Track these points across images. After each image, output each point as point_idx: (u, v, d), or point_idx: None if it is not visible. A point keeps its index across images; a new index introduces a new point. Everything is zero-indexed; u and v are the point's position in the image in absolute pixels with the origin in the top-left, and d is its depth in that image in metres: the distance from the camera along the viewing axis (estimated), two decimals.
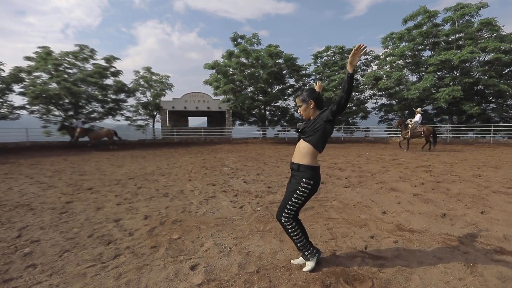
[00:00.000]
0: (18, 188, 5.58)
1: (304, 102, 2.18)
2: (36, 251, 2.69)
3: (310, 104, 2.17)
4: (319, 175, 2.18)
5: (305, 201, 2.17)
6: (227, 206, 4.18)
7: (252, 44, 21.19)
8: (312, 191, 2.15)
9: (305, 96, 2.19)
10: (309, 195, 2.14)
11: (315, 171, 2.14)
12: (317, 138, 2.09)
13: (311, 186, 2.12)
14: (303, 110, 2.21)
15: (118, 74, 22.71)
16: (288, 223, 2.18)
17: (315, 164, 2.15)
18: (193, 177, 6.66)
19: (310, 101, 2.17)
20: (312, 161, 2.13)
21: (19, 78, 19.40)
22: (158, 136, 23.63)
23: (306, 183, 2.10)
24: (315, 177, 2.14)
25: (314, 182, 2.13)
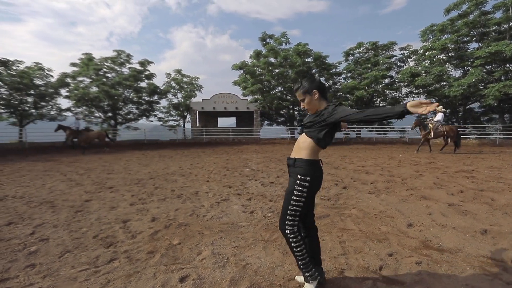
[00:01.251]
0: (50, 185, 5.95)
1: (307, 94, 1.87)
2: (41, 250, 2.74)
3: (314, 95, 1.86)
4: (318, 169, 1.87)
5: (306, 202, 1.86)
6: (237, 210, 3.99)
7: (281, 44, 20.89)
8: (312, 189, 1.85)
9: (306, 87, 1.87)
10: (309, 194, 1.84)
11: (312, 165, 1.83)
12: (324, 133, 1.80)
13: (309, 183, 1.82)
14: (307, 103, 1.89)
15: (152, 77, 23.83)
16: (292, 235, 1.87)
17: (314, 157, 1.86)
18: (212, 178, 6.60)
19: (314, 91, 1.85)
20: (310, 155, 1.84)
21: (65, 83, 21.22)
22: (188, 136, 24.35)
23: (301, 180, 1.82)
24: (312, 171, 1.83)
25: (312, 178, 1.82)
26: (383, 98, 21.59)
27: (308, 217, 2.04)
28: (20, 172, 7.72)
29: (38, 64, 20.41)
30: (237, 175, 6.98)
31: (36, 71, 19.77)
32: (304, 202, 1.85)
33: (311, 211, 2.05)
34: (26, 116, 19.73)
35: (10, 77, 17.94)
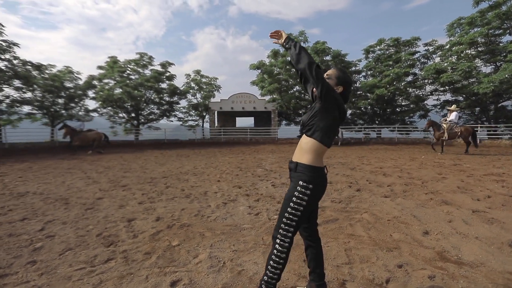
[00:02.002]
0: (69, 182, 6.19)
1: (336, 80, 1.71)
2: (45, 246, 2.80)
3: (337, 88, 1.70)
4: (322, 177, 1.68)
5: (305, 212, 1.65)
6: (243, 212, 3.89)
7: (299, 42, 20.57)
8: (314, 198, 1.66)
9: (339, 75, 1.72)
10: (309, 203, 1.65)
11: (316, 172, 1.65)
12: (325, 123, 1.63)
13: (310, 192, 1.63)
14: None
15: (172, 78, 24.38)
16: (280, 247, 1.67)
17: (318, 164, 1.67)
18: (223, 178, 6.56)
19: (340, 87, 1.70)
20: (314, 160, 1.66)
21: (92, 85, 22.26)
22: (206, 136, 24.66)
23: (303, 187, 1.63)
24: (316, 179, 1.65)
25: (315, 186, 1.63)
26: (405, 97, 20.58)
27: (311, 226, 1.86)
28: (46, 170, 8.13)
29: (68, 67, 21.57)
30: (249, 175, 6.89)
31: (66, 74, 20.91)
32: (302, 211, 1.65)
33: (313, 220, 1.87)
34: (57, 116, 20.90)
35: (44, 80, 19.08)
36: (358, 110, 22.11)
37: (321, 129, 1.64)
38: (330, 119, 1.63)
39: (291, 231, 1.67)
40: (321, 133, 1.64)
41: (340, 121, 1.68)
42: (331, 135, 1.67)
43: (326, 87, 1.55)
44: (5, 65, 17.30)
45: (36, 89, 18.98)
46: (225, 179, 6.43)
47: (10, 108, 18.18)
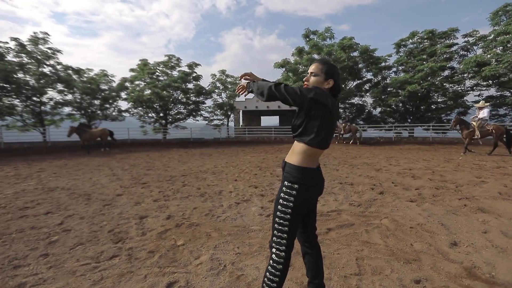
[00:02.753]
0: (96, 178, 6.51)
1: (322, 75, 1.56)
2: (60, 240, 2.91)
3: (327, 82, 1.56)
4: (311, 177, 1.52)
5: (295, 214, 1.50)
6: (254, 213, 3.78)
7: (325, 39, 19.94)
8: (301, 200, 1.49)
9: (330, 69, 1.57)
10: (297, 205, 1.49)
11: (304, 173, 1.50)
12: (312, 131, 1.50)
13: (297, 192, 1.48)
14: (313, 82, 1.57)
15: (199, 78, 24.94)
16: (276, 257, 1.54)
17: (307, 164, 1.52)
18: (241, 177, 6.50)
19: (331, 80, 1.56)
20: (302, 161, 1.52)
21: (124, 87, 23.49)
22: (231, 135, 24.90)
23: (288, 187, 1.51)
24: (303, 179, 1.49)
25: (301, 187, 1.48)
26: (442, 93, 19.04)
27: (307, 231, 1.71)
28: (79, 166, 8.66)
29: (104, 71, 22.96)
30: (267, 175, 6.76)
31: (102, 77, 22.28)
32: (291, 214, 1.50)
33: (310, 224, 1.71)
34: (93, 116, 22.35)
35: (82, 84, 20.49)
36: (388, 108, 20.88)
37: (308, 131, 1.50)
38: (317, 119, 1.47)
39: (285, 237, 1.53)
40: (308, 135, 1.49)
41: (331, 118, 1.50)
42: (322, 135, 1.49)
43: (296, 96, 1.43)
44: (50, 70, 18.83)
45: (76, 92, 20.43)
46: (243, 178, 6.37)
47: (53, 110, 19.80)
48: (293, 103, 1.45)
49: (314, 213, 1.72)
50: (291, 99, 1.43)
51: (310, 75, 1.60)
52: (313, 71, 1.59)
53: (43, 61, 18.24)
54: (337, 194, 4.65)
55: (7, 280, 2.15)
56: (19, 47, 17.23)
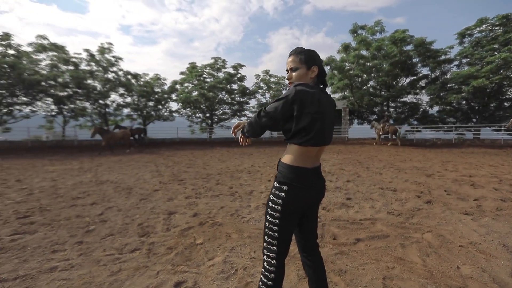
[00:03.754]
0: (141, 174, 7.03)
1: (304, 65, 1.44)
2: (96, 230, 3.16)
3: (311, 71, 1.44)
4: (304, 178, 1.37)
5: (285, 219, 1.36)
6: None
7: (374, 33, 18.57)
8: (291, 203, 1.35)
9: (308, 57, 1.44)
10: (287, 209, 1.35)
11: (295, 172, 1.36)
12: (297, 131, 1.38)
13: (286, 194, 1.35)
14: (296, 77, 1.45)
15: (243, 79, 25.43)
16: (268, 259, 1.42)
17: (299, 163, 1.38)
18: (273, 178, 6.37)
19: (314, 66, 1.43)
20: (293, 159, 1.38)
21: (175, 89, 25.15)
22: (274, 135, 24.83)
23: (277, 188, 1.39)
24: (294, 180, 1.35)
25: (291, 188, 1.35)
26: None
27: (305, 238, 1.55)
28: (130, 162, 9.48)
29: (157, 75, 24.92)
30: None
31: (155, 81, 24.20)
32: (280, 218, 1.37)
33: (309, 231, 1.54)
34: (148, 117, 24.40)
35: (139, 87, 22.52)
36: (448, 106, 18.45)
37: (298, 133, 1.36)
38: (304, 119, 1.33)
39: (275, 244, 1.39)
40: (299, 136, 1.36)
41: (319, 111, 1.34)
42: (313, 133, 1.34)
43: (277, 110, 1.34)
44: (113, 76, 21.10)
45: (134, 95, 22.53)
46: None
47: (115, 111, 22.17)
48: (281, 119, 1.35)
49: (312, 218, 1.54)
50: (276, 117, 1.34)
51: (290, 71, 1.48)
52: (292, 66, 1.46)
53: (108, 68, 20.50)
54: (375, 201, 4.23)
55: (44, 262, 2.39)
56: (90, 57, 19.65)
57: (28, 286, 2.03)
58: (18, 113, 17.50)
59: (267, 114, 1.36)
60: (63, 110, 19.07)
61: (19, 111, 17.55)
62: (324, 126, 1.38)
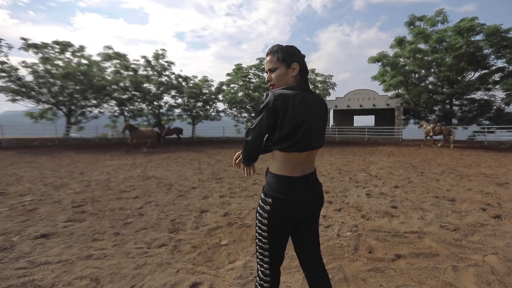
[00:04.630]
0: (184, 171, 7.37)
1: (283, 64, 1.31)
2: (133, 222, 3.36)
3: (292, 69, 1.32)
4: (292, 189, 1.24)
5: (273, 233, 1.26)
6: None
7: (435, 24, 16.60)
8: (277, 219, 1.23)
9: (286, 54, 1.32)
10: (273, 226, 1.24)
11: (280, 183, 1.24)
12: (280, 137, 1.28)
13: (270, 207, 1.23)
14: (277, 77, 1.33)
15: None
16: (261, 270, 1.33)
17: (286, 172, 1.25)
18: None
19: (294, 63, 1.31)
20: (279, 167, 1.27)
21: (221, 90, 26.07)
22: None
23: (262, 200, 1.28)
24: (280, 192, 1.23)
25: (276, 201, 1.22)
26: None
27: (303, 253, 1.41)
28: (177, 159, 10.05)
29: (205, 77, 26.15)
30: (345, 179, 6.10)
31: (203, 82, 25.42)
32: (268, 234, 1.26)
33: (307, 245, 1.39)
34: (197, 117, 25.75)
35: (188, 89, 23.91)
36: None
37: (282, 139, 1.24)
38: (287, 124, 1.21)
39: (266, 255, 1.30)
40: (283, 142, 1.25)
41: (302, 114, 1.22)
42: (297, 137, 1.22)
43: (262, 124, 1.24)
44: (166, 79, 22.77)
45: (184, 96, 23.99)
46: None
47: (168, 111, 23.90)
48: (268, 132, 1.27)
49: (310, 232, 1.39)
50: (264, 131, 1.25)
51: (269, 72, 1.35)
52: (270, 67, 1.34)
53: (162, 72, 22.18)
54: (426, 211, 3.71)
55: (84, 250, 2.60)
56: (146, 63, 21.51)
57: (66, 270, 2.22)
58: (89, 114, 20.01)
59: (254, 132, 1.26)
60: (124, 111, 21.19)
61: (89, 112, 20.05)
62: (310, 129, 1.25)
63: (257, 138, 1.26)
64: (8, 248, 2.62)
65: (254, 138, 1.26)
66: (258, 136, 1.25)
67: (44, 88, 16.96)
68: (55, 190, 5.05)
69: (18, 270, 2.21)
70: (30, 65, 16.60)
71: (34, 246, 2.68)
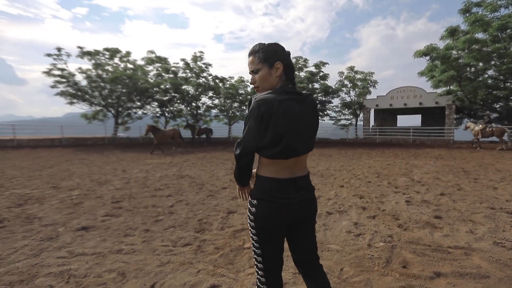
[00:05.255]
0: (217, 171, 7.53)
1: (265, 64, 1.24)
2: (163, 220, 3.49)
3: (275, 69, 1.23)
4: (277, 190, 1.19)
5: (263, 239, 1.21)
6: (342, 228, 3.21)
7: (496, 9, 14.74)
8: (264, 222, 1.19)
9: (267, 53, 1.23)
10: (260, 228, 1.20)
11: (265, 185, 1.21)
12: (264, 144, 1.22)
13: (256, 210, 1.20)
14: (260, 79, 1.26)
15: (326, 77, 24.37)
16: (258, 277, 1.29)
17: (270, 174, 1.21)
18: (350, 183, 5.77)
19: (277, 62, 1.23)
20: (263, 169, 1.23)
21: None
22: (360, 136, 22.90)
23: (250, 203, 1.25)
24: (264, 193, 1.19)
25: (260, 203, 1.19)
26: None
27: (299, 260, 1.37)
28: (212, 159, 10.34)
29: (241, 77, 26.56)
30: (383, 184, 5.68)
31: (239, 83, 25.84)
32: (258, 237, 1.22)
33: (302, 250, 1.34)
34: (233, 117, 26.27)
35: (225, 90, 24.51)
36: None
37: (266, 145, 1.18)
38: (272, 130, 1.15)
39: (260, 261, 1.26)
40: (267, 149, 1.19)
41: (280, 126, 1.14)
42: (278, 147, 1.16)
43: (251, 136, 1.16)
44: (203, 81, 23.62)
45: (221, 97, 24.64)
46: (351, 185, 5.63)
47: (205, 112, 24.77)
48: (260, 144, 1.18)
49: (303, 239, 1.32)
50: (253, 141, 1.16)
51: (253, 75, 1.28)
52: (253, 68, 1.27)
53: (200, 74, 23.04)
54: (477, 224, 3.27)
55: (116, 244, 2.75)
56: (185, 65, 22.52)
57: (98, 263, 2.36)
58: (133, 114, 21.57)
59: (243, 145, 1.18)
60: (165, 112, 22.44)
61: (134, 113, 21.61)
62: (296, 134, 1.19)
63: (247, 150, 1.18)
64: (53, 238, 2.89)
65: (245, 151, 1.18)
66: (249, 148, 1.18)
67: (96, 92, 18.70)
68: (99, 185, 5.50)
69: (59, 259, 2.41)
70: (85, 71, 18.45)
71: (75, 237, 2.91)
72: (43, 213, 3.73)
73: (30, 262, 2.35)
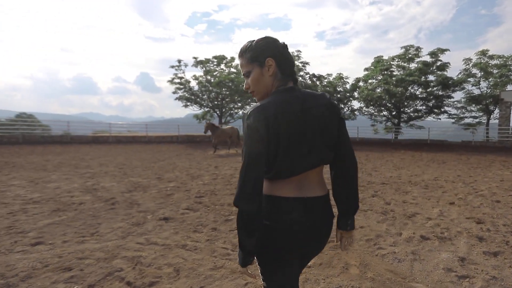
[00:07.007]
0: None
1: (255, 64, 1.03)
2: (232, 220, 3.54)
3: (267, 67, 1.01)
4: (281, 212, 0.97)
5: (266, 264, 1.02)
6: (440, 262, 2.43)
7: None
8: (267, 247, 0.98)
9: (255, 51, 1.02)
10: (264, 253, 1.00)
11: (269, 205, 0.98)
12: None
13: (265, 230, 0.98)
14: (253, 81, 1.04)
15: (445, 67, 20.11)
16: None
17: (278, 192, 0.98)
18: (465, 200, 4.49)
19: (268, 59, 1.00)
20: (267, 186, 1.01)
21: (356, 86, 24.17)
22: (493, 138, 17.84)
23: None
24: (273, 214, 0.97)
25: (272, 224, 0.96)
26: None
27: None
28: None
29: (340, 74, 25.09)
30: None
31: (338, 80, 24.48)
32: (261, 261, 1.03)
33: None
34: None
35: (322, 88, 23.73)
36: None
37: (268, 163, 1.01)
38: (273, 144, 0.94)
39: (265, 286, 1.08)
40: (270, 167, 1.00)
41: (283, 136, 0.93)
42: (282, 165, 0.95)
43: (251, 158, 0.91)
44: (300, 80, 23.59)
45: None
46: (467, 203, 4.35)
47: None
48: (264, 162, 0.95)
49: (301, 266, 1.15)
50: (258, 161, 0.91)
51: (246, 78, 1.08)
52: (244, 71, 1.07)
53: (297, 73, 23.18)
54: None
55: (183, 238, 2.94)
56: None
57: (163, 254, 2.57)
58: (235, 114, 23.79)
59: (246, 171, 0.93)
60: None
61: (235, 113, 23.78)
62: (296, 146, 0.95)
63: (245, 182, 0.90)
64: (140, 223, 3.36)
65: (248, 178, 0.90)
66: (254, 172, 0.91)
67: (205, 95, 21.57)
68: (192, 179, 6.17)
69: (137, 245, 2.76)
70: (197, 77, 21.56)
71: (156, 226, 3.30)
72: (142, 200, 4.44)
73: (117, 243, 2.78)
